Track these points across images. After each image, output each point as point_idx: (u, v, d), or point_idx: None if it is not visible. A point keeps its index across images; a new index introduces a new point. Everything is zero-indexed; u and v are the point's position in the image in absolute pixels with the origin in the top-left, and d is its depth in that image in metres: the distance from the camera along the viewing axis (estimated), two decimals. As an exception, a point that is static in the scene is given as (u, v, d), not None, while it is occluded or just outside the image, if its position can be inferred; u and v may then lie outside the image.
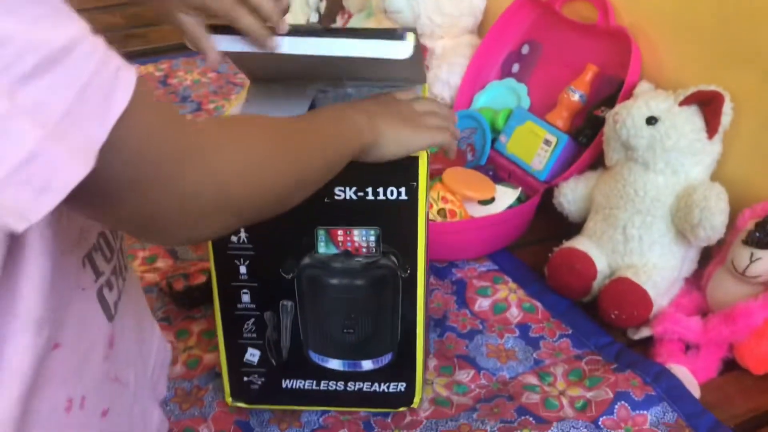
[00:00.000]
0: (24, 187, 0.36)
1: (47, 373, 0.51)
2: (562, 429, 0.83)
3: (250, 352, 0.85)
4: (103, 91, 0.39)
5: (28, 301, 0.49)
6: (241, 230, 0.77)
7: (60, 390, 0.52)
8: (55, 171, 0.37)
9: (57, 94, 0.37)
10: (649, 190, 1.00)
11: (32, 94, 0.36)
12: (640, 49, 1.16)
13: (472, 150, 1.36)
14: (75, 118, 0.38)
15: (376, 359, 0.85)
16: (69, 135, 0.37)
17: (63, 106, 0.37)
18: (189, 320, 1.05)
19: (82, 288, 0.55)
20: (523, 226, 1.21)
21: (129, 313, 0.64)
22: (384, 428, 0.86)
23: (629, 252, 1.02)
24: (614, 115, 1.04)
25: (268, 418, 0.88)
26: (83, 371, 0.55)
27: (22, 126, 0.36)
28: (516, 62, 1.41)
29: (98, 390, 0.57)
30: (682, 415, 0.84)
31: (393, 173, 0.73)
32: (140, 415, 0.66)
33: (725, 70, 1.03)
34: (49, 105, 0.37)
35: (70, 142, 0.37)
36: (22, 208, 0.37)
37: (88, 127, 0.39)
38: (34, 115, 0.36)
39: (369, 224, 0.76)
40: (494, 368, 0.95)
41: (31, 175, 0.36)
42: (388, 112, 0.71)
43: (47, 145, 0.36)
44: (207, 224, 0.50)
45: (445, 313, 1.04)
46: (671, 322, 0.94)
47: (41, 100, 0.36)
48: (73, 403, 0.54)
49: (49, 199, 0.37)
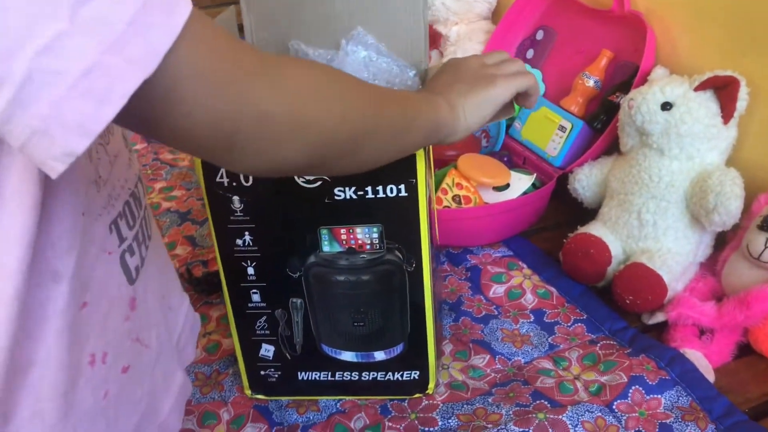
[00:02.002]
0: (85, 99, 0.37)
1: (77, 330, 0.53)
2: (577, 413, 0.84)
3: (265, 347, 0.86)
4: (165, 2, 0.40)
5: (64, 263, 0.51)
6: (245, 233, 0.78)
7: (85, 346, 0.55)
8: (113, 80, 0.38)
9: (120, 6, 0.38)
10: (664, 176, 1.01)
11: (95, 9, 0.37)
12: (655, 34, 1.15)
13: (486, 136, 1.37)
14: (138, 28, 0.38)
15: (387, 350, 0.86)
16: (129, 45, 0.38)
17: (126, 17, 0.38)
18: (208, 306, 1.07)
19: (108, 252, 0.57)
20: (538, 212, 1.22)
21: (152, 280, 0.66)
22: (400, 412, 0.87)
23: (644, 237, 1.03)
24: (629, 101, 1.04)
25: (287, 402, 0.90)
26: (105, 329, 0.57)
27: (82, 42, 0.37)
28: (530, 48, 1.41)
29: (119, 348, 0.59)
30: (696, 399, 0.85)
31: (391, 172, 0.73)
32: (161, 376, 0.68)
33: (741, 55, 1.03)
34: (110, 18, 0.38)
35: (131, 51, 0.38)
36: (84, 120, 0.38)
37: (151, 36, 0.39)
38: (95, 29, 0.37)
39: (371, 222, 0.77)
40: (509, 353, 0.96)
41: (90, 86, 0.37)
42: (456, 80, 0.70)
43: (106, 58, 0.37)
44: (283, 149, 0.49)
45: (460, 298, 1.05)
46: (686, 307, 0.95)
47: (103, 14, 0.37)
48: (95, 358, 0.56)
49: (110, 109, 0.38)
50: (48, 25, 0.36)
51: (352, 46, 0.87)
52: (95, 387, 0.57)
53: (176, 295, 0.77)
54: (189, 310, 0.80)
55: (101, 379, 0.57)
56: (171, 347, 0.71)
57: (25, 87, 0.36)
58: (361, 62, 0.86)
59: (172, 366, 0.71)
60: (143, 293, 0.64)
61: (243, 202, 0.76)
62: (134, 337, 0.62)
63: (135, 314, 0.62)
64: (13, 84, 0.36)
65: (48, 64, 0.36)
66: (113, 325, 0.58)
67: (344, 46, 0.88)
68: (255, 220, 0.77)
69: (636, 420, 0.83)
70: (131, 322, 0.61)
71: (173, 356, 0.71)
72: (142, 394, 0.64)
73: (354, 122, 0.54)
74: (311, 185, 0.74)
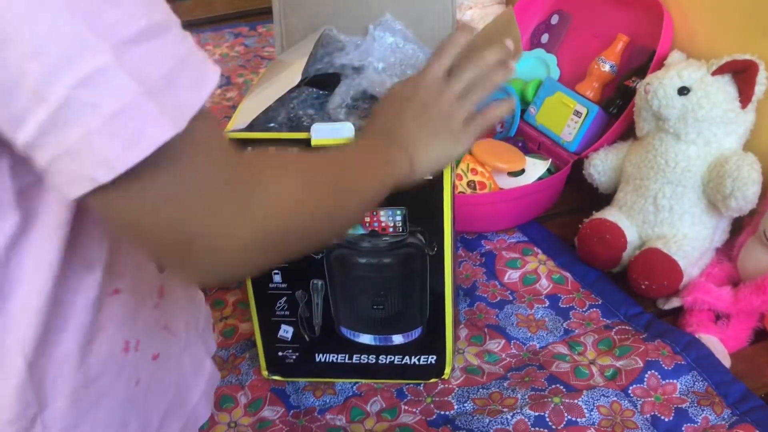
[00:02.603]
0: (116, 137, 0.38)
1: (109, 315, 0.55)
2: (592, 397, 0.84)
3: (284, 328, 0.87)
4: (198, 67, 0.42)
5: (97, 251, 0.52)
6: None
7: (118, 332, 0.56)
8: (145, 125, 0.39)
9: (159, 58, 0.39)
10: (680, 161, 1.00)
11: (137, 54, 0.38)
12: (672, 18, 1.14)
13: (501, 121, 1.36)
14: (173, 82, 0.40)
15: (406, 333, 0.86)
16: (165, 96, 0.39)
17: (163, 70, 0.39)
18: (224, 291, 1.07)
19: None
20: (553, 198, 1.22)
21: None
22: (416, 396, 0.88)
23: (660, 222, 1.03)
24: (645, 86, 1.03)
25: (303, 385, 0.90)
26: (137, 317, 0.58)
27: (123, 80, 0.38)
28: (545, 32, 1.40)
29: (149, 335, 0.60)
30: (712, 384, 0.85)
31: None
32: (191, 364, 0.69)
33: (760, 39, 1.01)
34: (150, 66, 0.39)
35: (165, 102, 0.39)
36: (110, 157, 0.38)
37: (183, 93, 0.40)
38: (136, 72, 0.38)
39: (395, 204, 0.77)
40: (524, 338, 0.96)
41: (123, 125, 0.38)
42: (416, 119, 0.66)
43: (142, 101, 0.38)
44: (240, 266, 0.48)
45: (474, 283, 1.06)
46: (702, 292, 0.95)
47: (145, 61, 0.39)
48: (129, 345, 0.57)
49: (137, 152, 0.39)
50: (94, 56, 0.37)
51: (379, 32, 0.87)
52: (129, 375, 0.58)
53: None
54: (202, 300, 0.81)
55: (133, 367, 0.58)
56: (198, 334, 0.72)
57: (61, 111, 0.37)
58: (388, 48, 0.87)
59: (200, 354, 0.71)
60: (171, 281, 0.64)
61: None
62: (162, 324, 0.63)
63: (163, 302, 0.62)
64: (49, 106, 0.37)
65: (87, 94, 0.37)
66: (144, 312, 0.59)
67: (372, 31, 0.88)
68: None
69: (651, 404, 0.83)
70: (160, 310, 0.62)
71: (200, 344, 0.72)
72: (170, 382, 0.65)
73: (317, 230, 0.54)
74: None
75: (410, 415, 0.85)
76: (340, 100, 0.81)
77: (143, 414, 0.61)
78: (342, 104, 0.80)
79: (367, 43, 0.87)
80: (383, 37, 0.88)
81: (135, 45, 0.38)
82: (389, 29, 0.88)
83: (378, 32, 0.88)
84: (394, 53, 0.87)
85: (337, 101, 0.81)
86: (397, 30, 0.88)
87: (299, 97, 0.83)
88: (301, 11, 0.89)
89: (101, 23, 0.37)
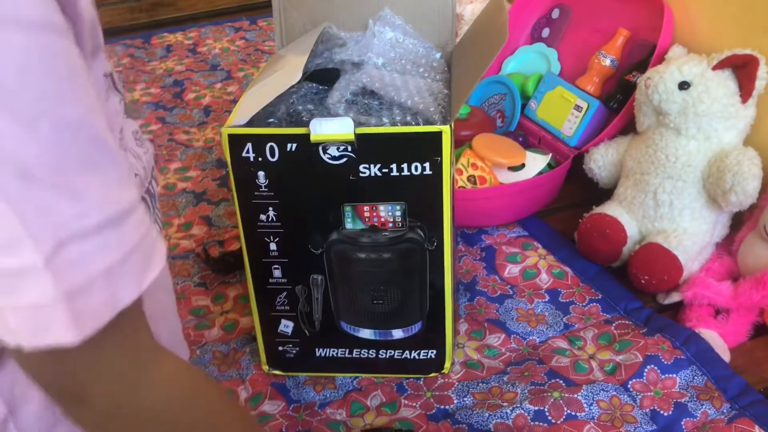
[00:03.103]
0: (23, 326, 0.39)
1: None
2: (592, 391, 0.84)
3: (284, 323, 0.87)
4: (145, 255, 0.42)
5: None
6: (269, 209, 0.78)
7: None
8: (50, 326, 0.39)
9: (101, 254, 0.39)
10: (681, 156, 1.00)
11: (76, 251, 0.38)
12: (673, 12, 1.14)
13: (501, 116, 1.36)
14: (110, 279, 0.40)
15: (406, 328, 0.86)
16: (89, 297, 0.39)
17: (101, 267, 0.39)
18: (225, 285, 1.07)
19: None
20: (553, 192, 1.22)
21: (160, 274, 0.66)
22: (416, 390, 0.88)
23: (660, 217, 1.03)
24: (646, 80, 1.03)
25: (304, 380, 0.91)
26: None
27: (46, 283, 0.38)
28: (546, 27, 1.40)
29: None
30: (711, 379, 0.85)
31: (417, 149, 0.74)
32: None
33: (761, 34, 1.01)
34: (85, 266, 0.39)
35: (82, 307, 0.39)
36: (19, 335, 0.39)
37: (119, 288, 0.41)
38: (64, 275, 0.38)
39: (395, 199, 0.77)
40: (524, 332, 0.96)
41: (32, 318, 0.39)
42: None
43: (56, 307, 0.38)
44: None
45: (474, 278, 1.06)
46: (701, 287, 0.95)
47: (81, 259, 0.39)
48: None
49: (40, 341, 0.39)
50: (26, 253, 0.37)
51: (379, 27, 0.87)
52: None
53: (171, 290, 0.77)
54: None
55: None
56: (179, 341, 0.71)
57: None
58: (387, 43, 0.87)
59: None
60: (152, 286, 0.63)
61: (268, 178, 0.76)
62: None
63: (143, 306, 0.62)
64: None
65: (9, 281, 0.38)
66: None
67: (371, 26, 0.88)
68: (279, 196, 0.78)
69: (651, 399, 0.83)
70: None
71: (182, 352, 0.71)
72: None
73: None
74: (336, 162, 0.74)
75: (410, 409, 0.85)
76: (339, 95, 0.81)
77: None
78: (341, 99, 0.80)
79: (367, 38, 0.87)
80: (383, 32, 0.88)
81: (84, 239, 0.38)
82: (389, 24, 0.88)
83: (377, 27, 0.88)
84: (393, 48, 0.87)
85: (336, 96, 0.81)
86: (397, 25, 0.88)
87: (299, 93, 0.84)
88: (301, 6, 0.89)
89: (49, 220, 0.37)
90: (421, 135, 0.73)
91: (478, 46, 0.80)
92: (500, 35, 0.73)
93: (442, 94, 0.83)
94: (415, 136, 0.73)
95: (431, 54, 0.90)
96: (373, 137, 0.73)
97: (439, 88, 0.84)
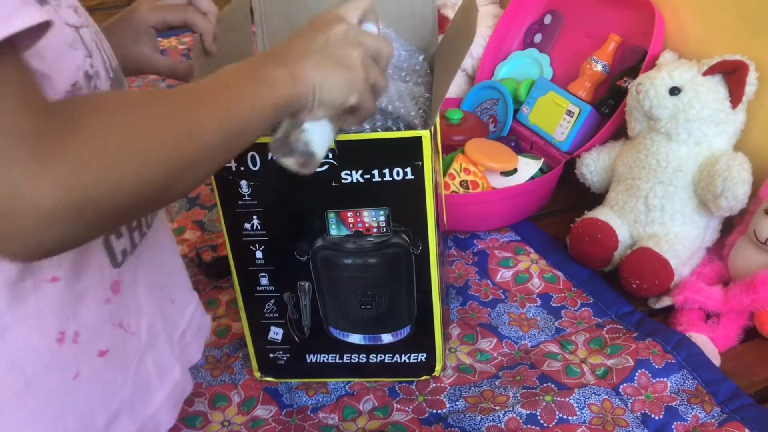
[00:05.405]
0: None
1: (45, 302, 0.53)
2: (584, 395, 0.84)
3: (274, 330, 0.87)
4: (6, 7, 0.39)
5: None
6: (253, 217, 0.79)
7: (52, 321, 0.54)
8: None
9: None
10: (672, 161, 1.01)
11: None
12: (664, 18, 1.15)
13: (494, 121, 1.37)
14: None
15: (395, 332, 0.87)
16: None
17: None
18: (217, 290, 1.08)
19: None
20: (546, 197, 1.22)
21: (146, 268, 0.65)
22: (408, 394, 0.88)
23: (651, 222, 1.03)
24: (637, 86, 1.04)
25: (296, 385, 0.91)
26: (78, 308, 0.56)
27: None
28: (538, 32, 1.41)
29: (96, 330, 0.58)
30: (702, 383, 0.86)
31: (397, 155, 0.74)
32: (153, 368, 0.67)
33: (751, 40, 1.02)
34: None
35: None
36: None
37: None
38: None
39: (378, 205, 0.77)
40: (516, 337, 0.96)
41: None
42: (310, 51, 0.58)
43: None
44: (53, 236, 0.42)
45: (467, 282, 1.06)
46: (692, 291, 0.95)
47: None
48: (65, 336, 0.55)
49: None
50: None
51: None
52: (64, 367, 0.56)
53: (181, 292, 0.76)
54: (197, 309, 0.79)
55: (71, 360, 0.56)
56: (169, 340, 0.70)
57: None
58: None
59: (168, 360, 0.70)
60: (131, 279, 0.62)
61: (251, 187, 0.77)
62: (117, 321, 0.61)
63: (118, 298, 0.60)
64: None
65: None
66: (89, 305, 0.57)
67: None
68: (263, 205, 0.78)
69: (642, 403, 0.84)
70: (113, 305, 0.60)
71: (171, 350, 0.70)
72: (124, 381, 0.63)
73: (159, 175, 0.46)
74: (318, 169, 0.75)
75: (402, 413, 0.85)
76: None
77: (84, 409, 0.58)
78: None
79: None
80: None
81: None
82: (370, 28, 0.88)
83: None
84: None
85: None
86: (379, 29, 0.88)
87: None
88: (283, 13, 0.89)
89: None
90: (400, 140, 0.73)
91: (453, 46, 0.80)
92: (470, 34, 0.73)
93: (423, 98, 0.83)
94: (394, 141, 0.73)
95: (414, 57, 0.91)
96: (353, 144, 0.73)
97: (420, 92, 0.85)
